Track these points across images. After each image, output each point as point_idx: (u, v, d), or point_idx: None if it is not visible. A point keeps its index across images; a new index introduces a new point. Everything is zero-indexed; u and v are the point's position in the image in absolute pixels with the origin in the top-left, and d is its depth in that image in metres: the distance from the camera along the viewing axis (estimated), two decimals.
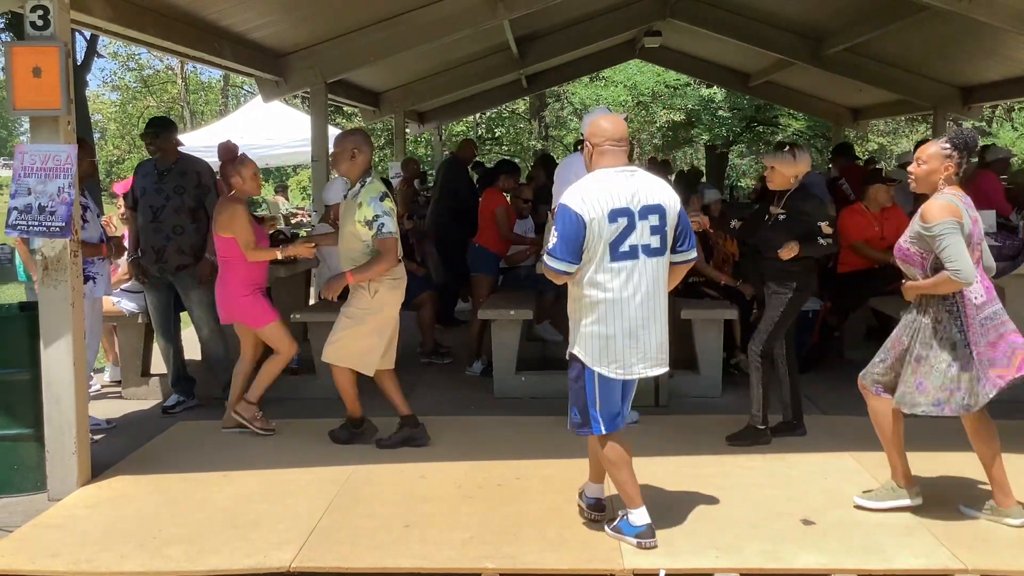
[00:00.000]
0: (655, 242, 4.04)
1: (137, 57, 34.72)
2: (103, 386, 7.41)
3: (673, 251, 4.14)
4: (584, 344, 4.09)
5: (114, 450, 5.59)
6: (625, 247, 4.00)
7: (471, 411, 6.44)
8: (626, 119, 5.79)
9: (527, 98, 25.49)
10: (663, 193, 4.09)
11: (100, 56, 24.98)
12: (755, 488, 4.81)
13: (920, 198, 4.47)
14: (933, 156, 4.27)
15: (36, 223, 4.77)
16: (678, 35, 13.19)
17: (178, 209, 6.30)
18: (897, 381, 4.36)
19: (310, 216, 13.12)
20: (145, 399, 6.91)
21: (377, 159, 26.28)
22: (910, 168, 4.40)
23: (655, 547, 4.05)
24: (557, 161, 11.34)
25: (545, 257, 4.10)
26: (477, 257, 8.08)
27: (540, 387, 6.74)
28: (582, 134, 5.67)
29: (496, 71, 13.13)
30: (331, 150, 5.98)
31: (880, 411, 4.47)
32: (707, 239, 7.33)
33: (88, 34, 16.27)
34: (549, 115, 30.18)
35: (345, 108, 21.51)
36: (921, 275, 4.27)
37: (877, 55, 11.15)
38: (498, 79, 13.97)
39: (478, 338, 7.54)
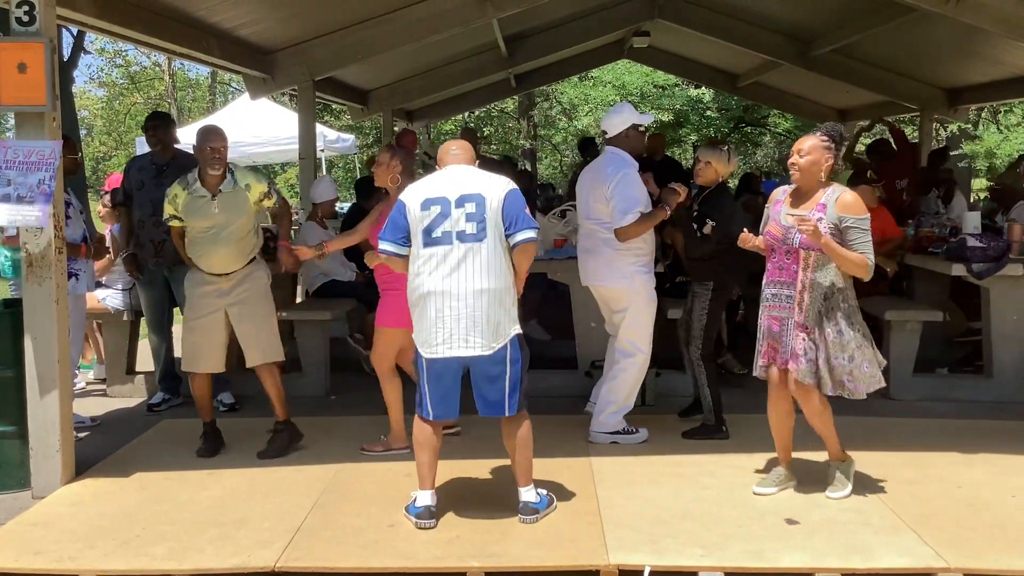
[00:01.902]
0: (471, 228, 4.26)
1: (124, 54, 34.54)
2: (88, 384, 7.38)
3: (507, 236, 4.31)
4: (414, 323, 4.39)
5: (98, 448, 5.57)
6: (437, 233, 4.28)
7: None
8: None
9: (516, 97, 25.49)
10: (486, 184, 4.34)
11: (87, 52, 24.89)
12: (740, 487, 4.82)
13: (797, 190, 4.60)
14: (815, 148, 4.40)
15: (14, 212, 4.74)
16: (667, 35, 13.19)
17: None
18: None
19: (297, 214, 13.10)
20: (130, 397, 6.89)
21: (365, 157, 26.25)
22: (792, 159, 4.48)
23: (432, 527, 4.29)
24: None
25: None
26: None
27: (527, 386, 6.70)
28: (604, 131, 5.65)
29: (485, 70, 13.12)
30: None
31: (782, 407, 4.73)
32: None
33: (75, 30, 16.18)
34: (538, 114, 30.18)
35: (333, 106, 21.47)
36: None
37: (864, 57, 11.19)
38: (487, 78, 13.96)
39: None
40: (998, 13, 6.69)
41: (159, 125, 6.47)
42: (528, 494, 4.42)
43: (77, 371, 6.91)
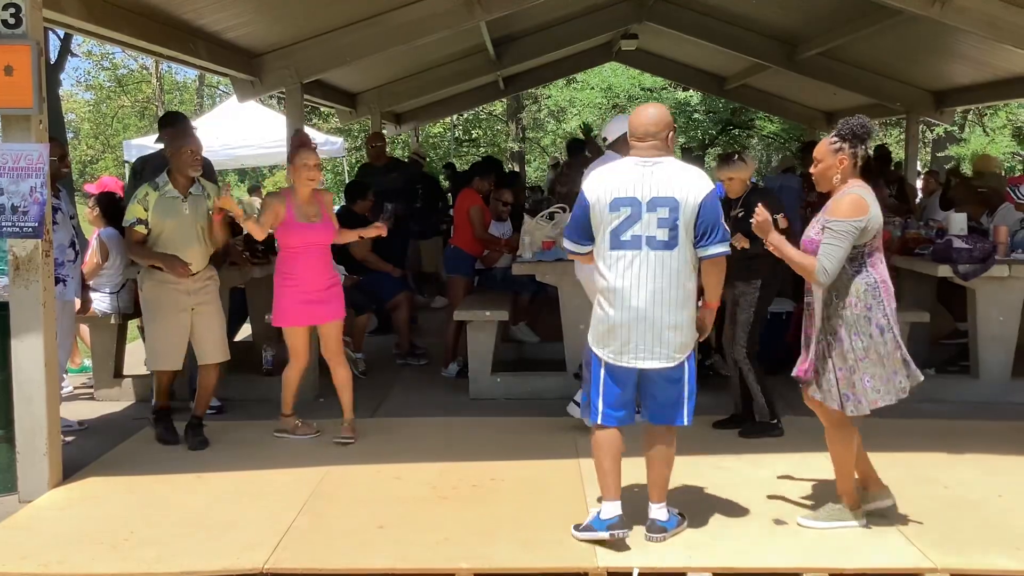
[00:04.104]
0: (662, 235, 4.00)
1: (111, 56, 34.41)
2: (75, 388, 7.34)
3: (696, 246, 4.06)
4: (592, 325, 4.21)
5: (86, 451, 5.55)
6: (627, 236, 4.02)
7: (446, 412, 6.44)
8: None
9: (504, 100, 25.51)
10: (681, 186, 4.02)
11: (74, 55, 24.75)
12: (728, 488, 4.84)
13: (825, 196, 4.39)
14: (825, 153, 4.23)
15: (9, 224, 4.74)
16: (655, 38, 13.24)
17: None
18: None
19: None
20: (117, 400, 6.86)
21: (354, 160, 26.28)
22: (811, 169, 4.36)
23: (626, 536, 4.07)
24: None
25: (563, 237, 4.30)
26: (453, 258, 8.07)
27: (516, 388, 6.74)
28: (604, 138, 5.82)
29: (473, 73, 13.13)
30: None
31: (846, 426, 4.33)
32: None
33: (62, 33, 16.13)
34: (526, 117, 30.22)
35: (321, 109, 21.46)
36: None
37: (851, 59, 11.24)
38: (475, 80, 13.97)
39: (454, 339, 7.54)
40: (983, 16, 6.73)
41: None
42: (658, 511, 4.22)
43: (65, 375, 6.88)
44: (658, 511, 4.21)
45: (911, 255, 7.25)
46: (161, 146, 6.46)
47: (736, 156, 5.73)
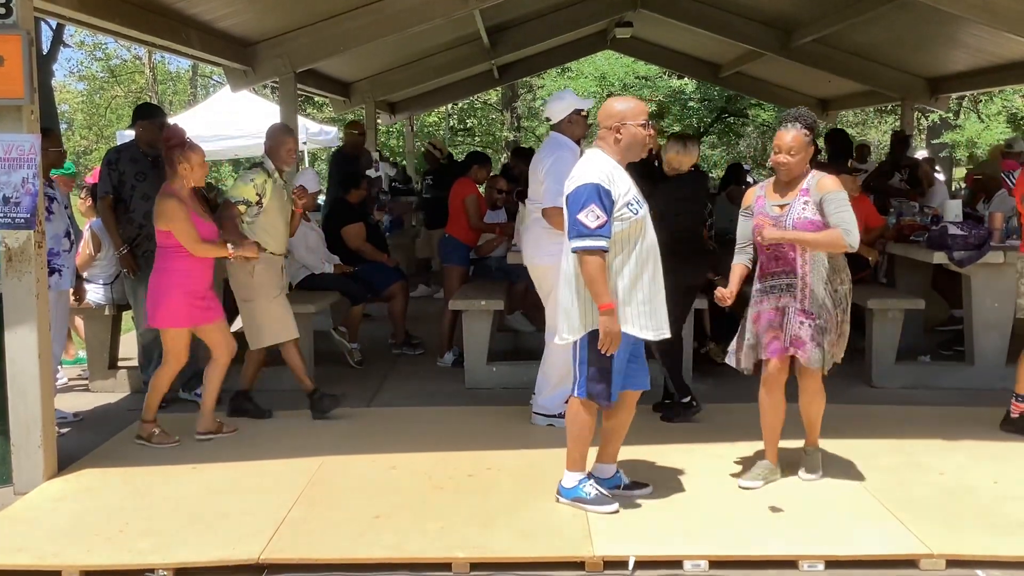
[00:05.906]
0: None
1: (104, 47, 34.33)
2: (70, 379, 7.33)
3: None
4: None
5: (81, 443, 5.54)
6: None
7: (442, 402, 6.44)
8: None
9: (499, 89, 25.46)
10: (570, 178, 4.31)
11: (66, 46, 24.67)
12: (723, 476, 4.84)
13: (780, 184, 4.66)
14: (802, 145, 4.50)
15: (1, 215, 4.72)
16: (649, 26, 13.21)
17: None
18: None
19: None
20: (112, 392, 6.85)
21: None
22: (781, 159, 4.51)
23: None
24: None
25: None
26: (448, 248, 8.05)
27: (511, 378, 6.73)
28: (547, 118, 5.77)
29: (467, 61, 13.10)
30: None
31: (780, 398, 4.70)
32: None
33: (54, 23, 16.06)
34: (521, 106, 30.17)
35: (315, 98, 21.39)
36: None
37: (846, 46, 11.23)
38: (469, 69, 13.94)
39: (449, 329, 7.53)
40: (978, 1, 6.72)
41: (163, 121, 6.47)
42: (565, 477, 4.49)
43: (59, 366, 6.86)
44: (565, 477, 4.49)
45: (907, 242, 7.26)
46: (132, 135, 6.44)
47: (679, 137, 5.81)
